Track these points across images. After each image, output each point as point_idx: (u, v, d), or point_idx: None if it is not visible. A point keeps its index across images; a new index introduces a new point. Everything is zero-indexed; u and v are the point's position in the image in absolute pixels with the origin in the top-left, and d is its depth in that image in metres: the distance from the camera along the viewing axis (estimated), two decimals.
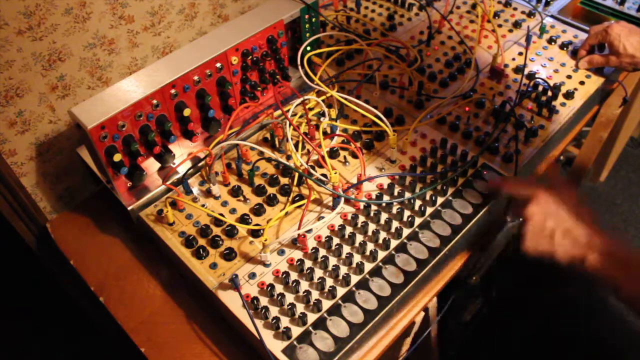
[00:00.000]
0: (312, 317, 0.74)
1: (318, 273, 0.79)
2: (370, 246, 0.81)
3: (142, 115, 0.84)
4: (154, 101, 0.85)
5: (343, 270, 0.79)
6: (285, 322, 0.73)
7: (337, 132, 0.98)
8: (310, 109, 0.99)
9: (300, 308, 0.75)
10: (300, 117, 0.98)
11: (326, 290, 0.76)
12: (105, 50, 0.96)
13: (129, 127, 0.84)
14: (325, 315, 0.74)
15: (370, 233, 0.83)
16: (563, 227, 0.76)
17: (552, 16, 1.25)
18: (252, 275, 0.79)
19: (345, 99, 0.95)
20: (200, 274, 0.80)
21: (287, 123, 0.91)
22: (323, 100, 0.97)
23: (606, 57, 1.07)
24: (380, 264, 0.80)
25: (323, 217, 0.86)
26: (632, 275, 0.70)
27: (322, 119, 0.97)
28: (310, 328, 0.73)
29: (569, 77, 1.09)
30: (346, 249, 0.81)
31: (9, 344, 1.62)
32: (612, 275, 0.71)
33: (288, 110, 0.92)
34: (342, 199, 0.87)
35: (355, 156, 0.95)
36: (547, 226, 0.77)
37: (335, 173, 0.86)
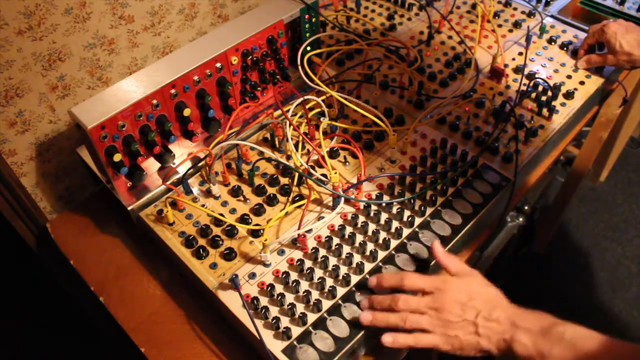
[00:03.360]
0: (312, 317, 0.74)
1: (318, 273, 0.79)
2: (370, 246, 0.81)
3: (142, 115, 0.84)
4: (154, 101, 0.85)
5: (343, 270, 0.79)
6: (285, 322, 0.73)
7: (337, 132, 0.98)
8: (310, 109, 0.99)
9: (300, 308, 0.75)
10: (300, 117, 0.98)
11: (326, 290, 0.76)
12: (105, 50, 0.96)
13: (129, 127, 0.84)
14: (325, 315, 0.74)
15: (370, 233, 0.83)
16: (483, 309, 0.69)
17: (552, 16, 1.25)
18: (252, 275, 0.79)
19: (345, 99, 0.95)
20: (200, 274, 0.80)
21: (287, 123, 0.91)
22: (323, 100, 0.97)
23: (604, 56, 1.07)
24: (380, 264, 0.80)
25: (323, 217, 0.86)
26: (568, 351, 0.63)
27: (322, 119, 0.97)
28: (310, 328, 0.73)
29: (569, 77, 1.09)
30: (346, 249, 0.81)
31: (8, 344, 1.62)
32: (547, 353, 0.64)
33: (288, 110, 0.92)
34: (342, 199, 0.87)
35: (355, 156, 0.95)
36: (464, 310, 0.69)
37: (335, 173, 0.86)
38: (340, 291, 0.77)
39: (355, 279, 0.78)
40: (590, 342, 0.63)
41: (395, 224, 0.84)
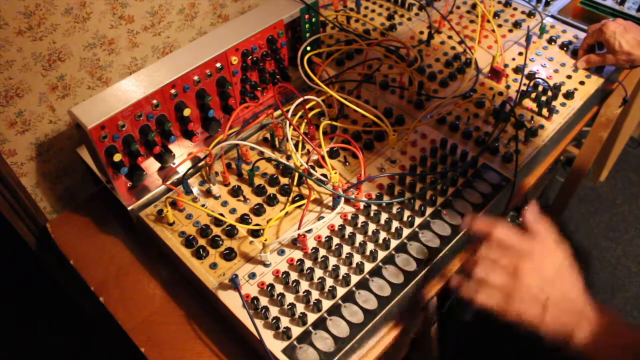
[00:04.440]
0: (312, 317, 0.74)
1: (318, 273, 0.79)
2: (370, 246, 0.81)
3: (142, 115, 0.84)
4: (154, 101, 0.85)
5: (343, 270, 0.79)
6: (285, 322, 0.73)
7: (337, 132, 0.98)
8: (310, 109, 0.99)
9: (300, 308, 0.75)
10: (300, 117, 0.98)
11: (326, 290, 0.76)
12: (105, 50, 0.96)
13: (129, 127, 0.84)
14: (325, 315, 0.74)
15: (370, 233, 0.83)
16: (558, 293, 0.66)
17: (552, 16, 1.25)
18: (252, 275, 0.79)
19: (345, 99, 0.95)
20: (200, 274, 0.80)
21: (287, 123, 0.91)
22: (323, 100, 0.97)
23: (603, 55, 1.07)
24: (380, 264, 0.80)
25: (323, 217, 0.86)
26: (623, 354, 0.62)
27: (322, 119, 0.97)
28: (310, 328, 0.73)
29: (569, 77, 1.09)
30: (346, 249, 0.81)
31: (8, 344, 1.62)
32: (601, 354, 0.63)
33: (288, 110, 0.92)
34: (342, 199, 0.87)
35: (355, 156, 0.95)
36: (539, 288, 0.66)
37: (335, 173, 0.86)
38: (340, 291, 0.77)
39: (355, 279, 0.78)
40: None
41: (395, 224, 0.84)
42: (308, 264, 0.80)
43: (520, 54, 1.15)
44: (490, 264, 0.68)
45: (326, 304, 0.75)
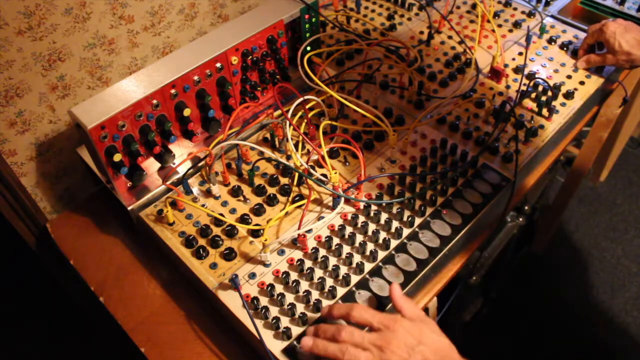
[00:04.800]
0: (312, 317, 0.74)
1: (318, 273, 0.79)
2: (370, 246, 0.81)
3: (142, 115, 0.84)
4: (154, 101, 0.85)
5: (343, 270, 0.79)
6: (285, 322, 0.73)
7: (337, 132, 0.98)
8: (310, 109, 0.99)
9: (300, 308, 0.75)
10: (300, 117, 0.98)
11: (326, 290, 0.76)
12: (105, 50, 0.96)
13: (129, 127, 0.84)
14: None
15: (370, 233, 0.83)
16: (429, 357, 0.65)
17: (552, 16, 1.25)
18: (252, 275, 0.79)
19: (345, 99, 0.95)
20: (200, 274, 0.80)
21: (287, 123, 0.91)
22: (323, 100, 0.97)
23: (603, 55, 1.07)
24: (380, 264, 0.80)
25: (323, 217, 0.86)
26: None
27: (322, 119, 0.97)
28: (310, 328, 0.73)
29: (569, 77, 1.09)
30: (346, 249, 0.82)
31: (8, 344, 1.62)
32: None
33: (288, 110, 0.92)
34: (342, 199, 0.87)
35: (355, 156, 0.95)
36: (409, 355, 0.64)
37: (335, 173, 0.86)
38: (340, 291, 0.77)
39: (355, 279, 0.78)
40: None
41: (395, 224, 0.84)
42: (308, 264, 0.80)
43: (520, 54, 1.15)
44: (357, 342, 0.66)
45: (326, 304, 0.75)
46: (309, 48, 1.03)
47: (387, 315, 0.68)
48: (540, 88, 1.05)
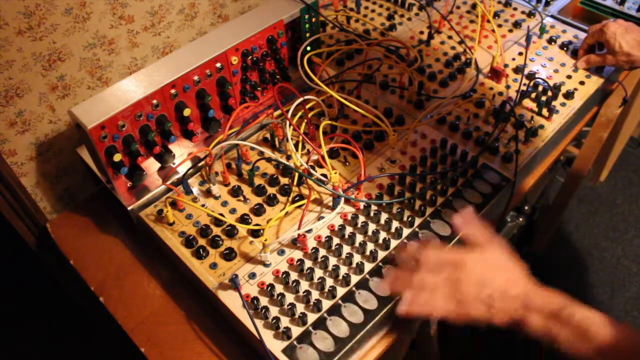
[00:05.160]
0: (312, 317, 0.74)
1: (318, 273, 0.79)
2: (370, 246, 0.81)
3: (142, 115, 0.84)
4: (154, 101, 0.85)
5: (343, 270, 0.79)
6: (285, 322, 0.73)
7: (337, 132, 0.98)
8: (310, 109, 0.99)
9: (300, 308, 0.75)
10: (300, 117, 0.98)
11: (326, 290, 0.76)
12: (105, 50, 0.96)
13: (129, 127, 0.84)
14: (325, 315, 0.74)
15: (370, 233, 0.83)
16: (498, 289, 0.68)
17: (552, 16, 1.25)
18: (252, 275, 0.79)
19: (345, 99, 0.95)
20: (200, 274, 0.80)
21: (287, 123, 0.91)
22: (323, 100, 0.97)
23: (603, 56, 1.07)
24: (380, 264, 0.80)
25: (323, 217, 0.86)
26: (575, 334, 0.64)
27: (322, 119, 0.97)
28: (310, 328, 0.73)
29: (569, 77, 1.09)
30: (346, 249, 0.81)
31: (8, 344, 1.62)
32: (555, 334, 0.65)
33: (288, 110, 0.92)
34: (342, 199, 0.87)
35: (355, 156, 0.95)
36: (479, 290, 0.68)
37: (335, 173, 0.86)
38: (340, 291, 0.77)
39: (355, 279, 0.78)
40: (598, 326, 0.64)
41: (395, 224, 0.84)
42: (308, 264, 0.80)
43: (520, 54, 1.15)
44: (430, 284, 0.70)
45: (326, 304, 0.75)
46: (309, 48, 1.03)
47: (454, 254, 0.72)
48: (540, 88, 1.05)
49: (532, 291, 0.68)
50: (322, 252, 0.81)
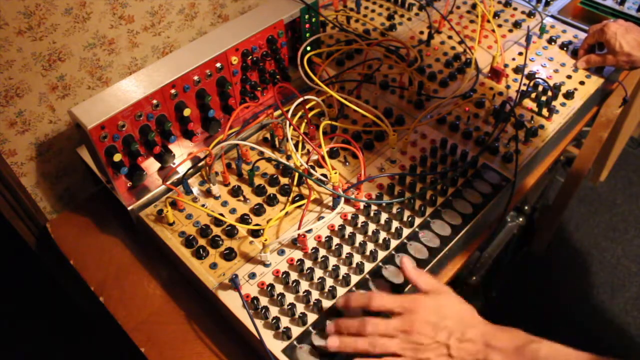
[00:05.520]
0: (312, 317, 0.74)
1: (318, 273, 0.79)
2: (370, 246, 0.81)
3: (142, 115, 0.84)
4: (154, 101, 0.85)
5: (343, 270, 0.79)
6: (285, 322, 0.73)
7: (337, 132, 0.98)
8: (310, 109, 0.99)
9: (300, 308, 0.75)
10: (300, 117, 0.98)
11: (326, 290, 0.76)
12: (105, 50, 0.96)
13: (129, 127, 0.84)
14: (326, 315, 0.74)
15: (370, 233, 0.83)
16: (456, 331, 0.66)
17: (552, 16, 1.25)
18: (252, 275, 0.79)
19: (345, 99, 0.95)
20: (200, 274, 0.80)
21: (287, 123, 0.91)
22: (323, 100, 0.97)
23: (603, 56, 1.07)
24: (380, 264, 0.80)
25: (323, 217, 0.86)
26: None
27: (322, 119, 0.97)
28: (310, 328, 0.73)
29: (569, 77, 1.09)
30: (346, 249, 0.81)
31: (8, 344, 1.62)
32: None
33: (288, 110, 0.92)
34: (342, 199, 0.87)
35: (355, 156, 0.95)
36: (435, 333, 0.66)
37: (335, 173, 0.86)
38: (340, 291, 0.77)
39: (355, 279, 0.78)
40: (567, 358, 0.62)
41: (395, 224, 0.84)
42: (308, 264, 0.80)
43: (520, 54, 1.15)
44: (382, 332, 0.68)
45: (326, 304, 0.75)
46: (309, 48, 1.03)
47: (405, 297, 0.70)
48: (540, 88, 1.05)
49: (491, 330, 0.66)
50: (322, 252, 0.81)
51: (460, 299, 0.70)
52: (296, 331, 0.73)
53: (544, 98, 1.03)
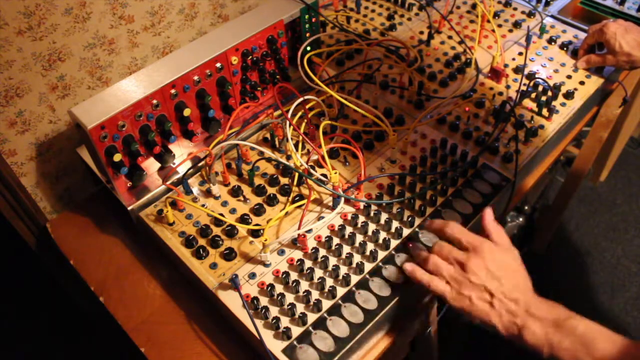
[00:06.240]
0: (312, 317, 0.74)
1: (318, 273, 0.79)
2: (370, 246, 0.81)
3: (142, 115, 0.84)
4: (154, 101, 0.85)
5: (343, 270, 0.79)
6: (285, 322, 0.73)
7: (337, 132, 0.98)
8: (310, 109, 0.99)
9: (300, 308, 0.75)
10: (300, 117, 0.98)
11: (326, 290, 0.76)
12: (105, 50, 0.96)
13: (129, 127, 0.84)
14: (325, 315, 0.74)
15: (370, 233, 0.83)
16: (505, 286, 0.68)
17: (552, 16, 1.25)
18: (252, 275, 0.79)
19: (345, 99, 0.95)
20: (200, 274, 0.80)
21: (287, 123, 0.91)
22: (323, 100, 0.97)
23: (603, 56, 1.07)
24: (380, 264, 0.80)
25: (323, 217, 0.86)
26: (578, 345, 0.63)
27: (322, 119, 0.97)
28: (310, 328, 0.73)
29: (569, 77, 1.09)
30: (346, 249, 0.81)
31: (8, 344, 1.62)
32: (557, 343, 0.64)
33: (288, 110, 0.92)
34: (342, 199, 0.87)
35: (355, 156, 0.95)
36: (487, 279, 0.69)
37: (335, 173, 0.86)
38: (340, 291, 0.77)
39: (355, 279, 0.78)
40: (601, 339, 0.63)
41: (395, 224, 0.84)
42: (308, 264, 0.80)
43: (520, 54, 1.15)
44: (443, 256, 0.73)
45: (326, 304, 0.75)
46: (309, 48, 1.03)
47: (476, 238, 0.73)
48: (540, 88, 1.05)
49: (535, 299, 0.68)
50: (322, 252, 0.81)
51: (522, 265, 0.73)
52: (296, 331, 0.73)
53: (544, 98, 1.03)
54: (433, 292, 0.72)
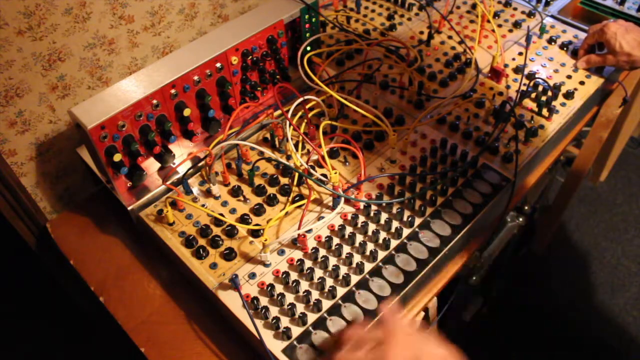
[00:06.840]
0: (312, 317, 0.74)
1: (318, 273, 0.79)
2: (370, 246, 0.81)
3: (142, 115, 0.84)
4: (154, 101, 0.85)
5: (343, 270, 0.79)
6: (285, 322, 0.73)
7: (337, 132, 0.98)
8: (310, 109, 0.99)
9: (300, 308, 0.75)
10: (300, 117, 0.98)
11: (326, 290, 0.76)
12: (105, 50, 0.96)
13: (129, 127, 0.84)
14: (325, 315, 0.74)
15: (370, 233, 0.83)
16: None
17: (552, 16, 1.25)
18: (252, 275, 0.79)
19: (345, 99, 0.95)
20: (200, 274, 0.80)
21: (287, 123, 0.91)
22: (323, 100, 0.97)
23: (603, 56, 1.07)
24: (380, 264, 0.80)
25: (323, 217, 0.86)
26: None
27: (322, 119, 0.97)
28: (310, 328, 0.73)
29: (569, 77, 1.09)
30: (346, 249, 0.81)
31: (8, 344, 1.62)
32: None
33: (288, 110, 0.92)
34: (342, 199, 0.87)
35: (355, 156, 0.95)
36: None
37: (335, 173, 0.86)
38: (340, 291, 0.77)
39: (355, 279, 0.78)
40: None
41: (395, 224, 0.84)
42: (308, 264, 0.80)
43: (520, 54, 1.15)
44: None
45: (326, 304, 0.75)
46: (309, 48, 1.03)
47: (380, 331, 0.66)
48: (540, 88, 1.05)
49: None
50: (322, 252, 0.81)
51: (440, 342, 0.65)
52: (296, 331, 0.73)
53: (544, 98, 1.03)
54: None
